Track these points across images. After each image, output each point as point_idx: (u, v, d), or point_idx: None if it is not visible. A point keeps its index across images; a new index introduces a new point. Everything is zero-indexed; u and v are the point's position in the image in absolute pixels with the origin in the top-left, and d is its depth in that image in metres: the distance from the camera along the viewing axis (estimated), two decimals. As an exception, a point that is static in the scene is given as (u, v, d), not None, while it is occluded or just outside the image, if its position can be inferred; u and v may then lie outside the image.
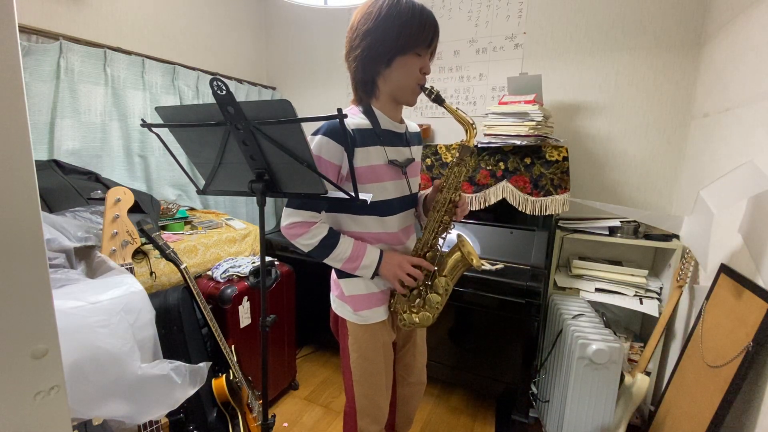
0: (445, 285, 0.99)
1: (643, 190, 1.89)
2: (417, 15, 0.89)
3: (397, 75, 0.93)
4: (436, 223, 1.00)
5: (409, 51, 0.91)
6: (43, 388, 0.50)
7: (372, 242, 1.01)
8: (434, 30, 0.92)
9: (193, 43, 2.22)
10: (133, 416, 0.87)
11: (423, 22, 0.89)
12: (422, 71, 0.94)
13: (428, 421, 1.77)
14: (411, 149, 1.06)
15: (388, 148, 0.98)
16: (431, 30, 0.91)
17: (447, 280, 0.99)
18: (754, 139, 1.20)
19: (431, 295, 1.00)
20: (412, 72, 0.93)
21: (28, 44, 1.49)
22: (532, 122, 1.60)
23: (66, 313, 0.79)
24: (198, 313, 1.37)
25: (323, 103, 2.66)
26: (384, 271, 0.98)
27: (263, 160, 1.00)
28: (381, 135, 0.97)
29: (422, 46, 0.91)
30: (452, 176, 0.98)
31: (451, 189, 0.98)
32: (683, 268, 1.47)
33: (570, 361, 1.42)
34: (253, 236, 1.90)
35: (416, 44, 0.90)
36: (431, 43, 0.93)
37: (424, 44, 0.91)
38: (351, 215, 1.01)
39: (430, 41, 0.92)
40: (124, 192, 1.17)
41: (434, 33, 0.92)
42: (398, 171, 1.00)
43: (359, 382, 1.08)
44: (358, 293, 1.04)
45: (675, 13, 1.72)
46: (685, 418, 1.23)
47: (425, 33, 0.90)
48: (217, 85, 0.84)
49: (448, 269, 0.99)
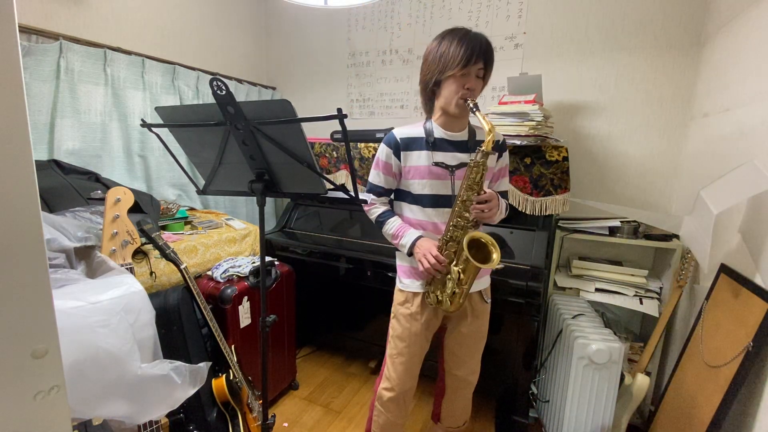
0: (455, 276, 1.12)
1: (643, 190, 1.89)
2: (448, 47, 1.10)
3: (444, 93, 1.15)
4: (454, 219, 1.13)
5: (447, 74, 1.11)
6: (43, 388, 0.50)
7: (416, 227, 1.23)
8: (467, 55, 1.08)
9: (193, 43, 2.22)
10: (133, 416, 0.87)
11: (448, 53, 1.10)
12: (465, 87, 1.11)
13: (428, 421, 1.77)
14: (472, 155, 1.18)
15: (437, 152, 1.17)
16: (466, 57, 1.08)
17: (458, 271, 1.11)
18: (754, 139, 1.20)
19: (449, 283, 1.14)
20: (454, 91, 1.12)
21: (28, 44, 1.49)
22: (532, 122, 1.60)
23: (66, 313, 0.79)
24: (198, 313, 1.36)
25: (323, 103, 2.66)
26: (415, 252, 1.18)
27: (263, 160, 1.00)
28: (432, 142, 1.18)
29: (457, 68, 1.09)
30: (468, 178, 1.10)
31: (466, 189, 1.10)
32: (683, 268, 1.47)
33: (570, 361, 1.42)
34: (253, 236, 1.90)
35: (452, 68, 1.10)
36: (466, 65, 1.09)
37: (459, 67, 1.09)
38: (405, 203, 1.26)
39: (464, 64, 1.08)
40: (124, 192, 1.17)
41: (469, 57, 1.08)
42: (445, 172, 1.18)
43: (389, 343, 1.31)
44: (403, 264, 1.28)
45: (675, 13, 1.72)
46: (685, 418, 1.23)
47: (457, 60, 1.09)
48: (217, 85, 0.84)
49: (461, 264, 1.11)
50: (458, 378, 1.37)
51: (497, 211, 1.14)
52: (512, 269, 1.62)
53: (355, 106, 2.53)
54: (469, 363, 1.35)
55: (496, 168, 1.25)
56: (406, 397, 1.31)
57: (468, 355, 1.34)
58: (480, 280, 1.25)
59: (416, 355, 1.27)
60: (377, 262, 1.83)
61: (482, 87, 1.17)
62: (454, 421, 1.46)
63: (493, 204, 1.11)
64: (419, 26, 2.27)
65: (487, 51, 1.11)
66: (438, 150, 1.18)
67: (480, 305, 1.29)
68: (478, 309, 1.28)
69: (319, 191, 1.04)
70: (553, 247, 1.79)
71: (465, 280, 1.11)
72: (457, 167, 1.18)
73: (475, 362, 1.36)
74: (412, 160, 1.20)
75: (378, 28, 2.38)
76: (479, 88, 1.14)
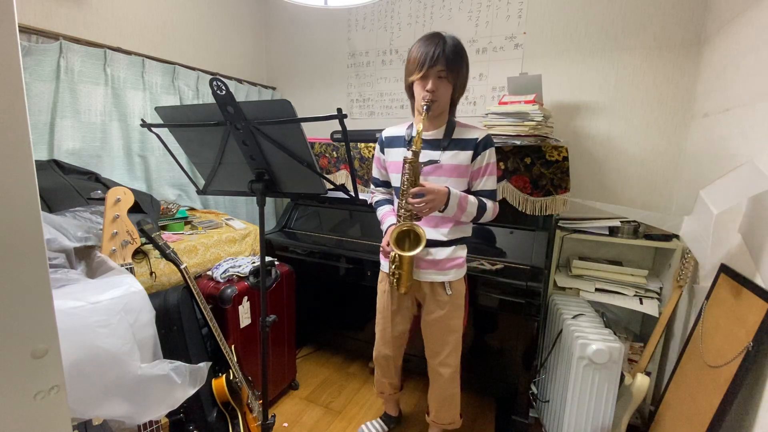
0: (394, 258, 1.28)
1: (643, 190, 1.89)
2: (414, 52, 1.22)
3: (415, 96, 1.27)
4: (400, 210, 1.24)
5: (412, 78, 1.23)
6: (43, 388, 0.50)
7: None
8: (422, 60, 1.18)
9: (193, 43, 2.22)
10: (133, 416, 0.87)
11: (412, 58, 1.22)
12: (426, 89, 1.19)
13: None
14: (444, 153, 1.28)
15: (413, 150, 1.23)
16: (422, 62, 1.18)
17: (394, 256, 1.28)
18: (754, 139, 1.20)
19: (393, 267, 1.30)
20: (419, 93, 1.23)
21: (28, 44, 1.49)
22: (532, 122, 1.60)
23: (66, 313, 0.79)
24: (198, 313, 1.36)
25: (323, 103, 2.66)
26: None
27: (263, 160, 1.00)
28: (409, 140, 1.31)
29: (416, 73, 1.20)
30: (403, 173, 1.20)
31: (407, 183, 1.20)
32: (683, 268, 1.47)
33: (570, 361, 1.42)
34: (253, 236, 1.90)
35: (413, 73, 1.21)
36: (421, 69, 1.18)
37: (417, 71, 1.20)
38: (393, 193, 1.43)
39: (420, 68, 1.18)
40: (124, 192, 1.17)
41: (423, 62, 1.18)
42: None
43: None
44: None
45: (675, 13, 1.72)
46: (685, 418, 1.23)
47: (414, 66, 1.21)
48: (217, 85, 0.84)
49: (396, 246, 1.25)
50: (432, 368, 1.45)
51: (438, 206, 1.20)
52: (512, 269, 1.62)
53: (355, 106, 2.53)
54: (439, 354, 1.41)
55: (475, 167, 1.28)
56: (389, 363, 1.52)
57: (436, 344, 1.41)
58: (441, 272, 1.32)
59: (389, 327, 1.46)
60: (377, 262, 1.83)
61: (456, 85, 1.24)
62: (439, 417, 1.51)
63: (429, 198, 1.17)
64: (419, 26, 2.27)
65: (448, 53, 1.17)
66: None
67: (443, 296, 1.34)
68: (441, 300, 1.34)
69: (319, 191, 1.04)
70: (553, 247, 1.79)
71: (401, 264, 1.27)
72: (425, 164, 1.28)
73: (446, 355, 1.40)
74: (392, 156, 1.36)
75: (378, 28, 2.38)
76: (444, 89, 1.21)
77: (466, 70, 1.25)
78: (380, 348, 1.52)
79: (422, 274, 1.32)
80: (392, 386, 1.62)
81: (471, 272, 1.61)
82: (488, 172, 1.29)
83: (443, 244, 1.31)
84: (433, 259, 1.31)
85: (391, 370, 1.56)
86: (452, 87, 1.23)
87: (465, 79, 1.27)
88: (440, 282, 1.33)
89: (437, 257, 1.31)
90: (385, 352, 1.51)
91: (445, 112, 1.29)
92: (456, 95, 1.28)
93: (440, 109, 1.26)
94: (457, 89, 1.26)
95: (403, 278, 1.28)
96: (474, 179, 1.30)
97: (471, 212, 1.26)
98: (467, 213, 1.25)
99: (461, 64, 1.22)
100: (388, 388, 1.62)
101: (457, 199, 1.22)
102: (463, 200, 1.23)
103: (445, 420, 1.50)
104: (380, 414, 1.74)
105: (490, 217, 1.31)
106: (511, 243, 1.75)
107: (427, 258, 1.31)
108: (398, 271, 1.28)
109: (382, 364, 1.55)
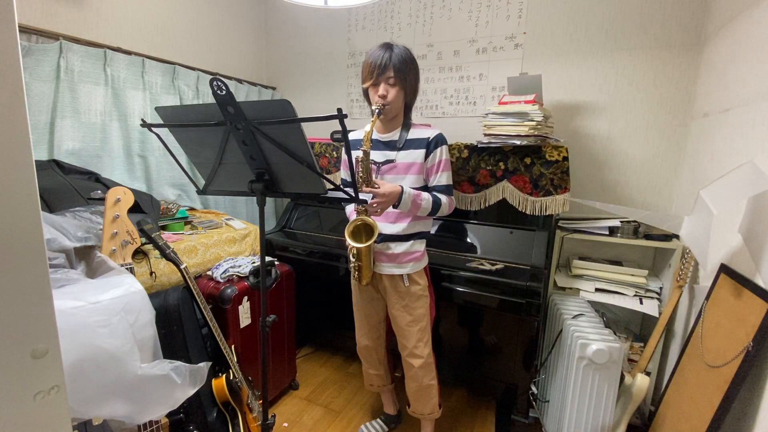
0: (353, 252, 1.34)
1: (643, 190, 1.89)
2: (366, 60, 1.32)
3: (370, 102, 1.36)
4: (357, 206, 1.32)
5: (365, 86, 1.34)
6: (43, 388, 0.50)
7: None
8: (373, 69, 1.28)
9: (193, 43, 2.22)
10: (133, 416, 0.87)
11: (366, 65, 1.31)
12: (378, 95, 1.29)
13: (428, 421, 1.77)
14: (399, 153, 1.37)
15: (372, 151, 1.33)
16: (372, 70, 1.28)
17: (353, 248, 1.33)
18: (754, 139, 1.20)
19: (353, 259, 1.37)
20: (372, 98, 1.32)
21: (28, 44, 1.49)
22: (532, 122, 1.60)
23: (66, 313, 0.79)
24: (198, 313, 1.36)
25: (323, 103, 2.66)
26: None
27: (263, 160, 1.00)
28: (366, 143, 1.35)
29: (368, 80, 1.30)
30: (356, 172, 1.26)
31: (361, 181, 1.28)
32: (683, 268, 1.47)
33: (570, 361, 1.42)
34: (253, 236, 1.90)
35: (365, 81, 1.33)
36: (371, 77, 1.29)
37: (370, 79, 1.29)
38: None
39: (370, 76, 1.29)
40: (124, 192, 1.17)
41: (372, 71, 1.28)
42: (373, 167, 1.38)
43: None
44: None
45: (675, 13, 1.72)
46: (685, 418, 1.23)
47: (366, 73, 1.31)
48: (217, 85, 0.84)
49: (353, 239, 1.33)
50: (404, 359, 1.49)
51: (391, 203, 1.29)
52: (512, 269, 1.62)
53: (355, 106, 2.53)
54: (406, 346, 1.45)
55: (428, 164, 1.38)
56: (371, 352, 1.59)
57: (402, 336, 1.46)
58: (399, 265, 1.39)
59: (363, 319, 1.55)
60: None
61: (407, 90, 1.33)
62: (417, 408, 1.53)
63: (379, 200, 1.27)
64: (419, 26, 2.27)
65: (395, 61, 1.26)
66: (372, 149, 1.34)
67: (402, 287, 1.41)
68: (401, 291, 1.41)
69: (319, 191, 1.04)
70: (553, 247, 1.79)
71: (359, 256, 1.34)
72: (383, 163, 1.39)
73: (413, 346, 1.44)
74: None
75: (378, 28, 2.38)
76: (395, 93, 1.30)
77: (415, 76, 1.35)
78: (360, 339, 1.59)
79: (382, 267, 1.41)
80: (379, 377, 1.65)
81: (471, 272, 1.62)
82: (441, 168, 1.38)
83: (401, 239, 1.39)
84: (392, 253, 1.39)
85: (374, 361, 1.61)
86: (403, 92, 1.33)
87: (415, 85, 1.37)
88: (399, 275, 1.40)
89: (395, 251, 1.39)
90: (365, 343, 1.57)
91: (400, 114, 1.40)
92: (408, 99, 1.38)
93: (393, 113, 1.35)
94: (408, 94, 1.35)
95: (364, 270, 1.37)
96: (429, 176, 1.40)
97: (426, 208, 1.35)
98: (422, 209, 1.35)
99: (408, 70, 1.31)
100: (375, 380, 1.66)
101: (410, 196, 1.31)
102: (417, 197, 1.32)
103: (424, 411, 1.52)
104: (380, 414, 1.75)
105: (447, 211, 1.40)
106: (511, 243, 1.75)
107: (386, 252, 1.39)
108: (358, 263, 1.36)
109: (364, 355, 1.61)
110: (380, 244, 1.38)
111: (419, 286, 1.42)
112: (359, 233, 1.33)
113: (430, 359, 1.46)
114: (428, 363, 1.45)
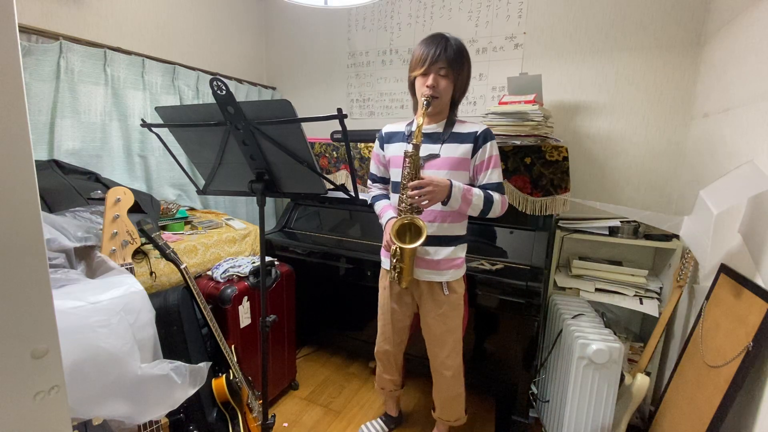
0: (398, 254, 1.28)
1: (643, 190, 1.89)
2: (417, 50, 1.24)
3: (416, 91, 1.28)
4: (401, 204, 1.23)
5: (414, 74, 1.26)
6: (43, 388, 0.50)
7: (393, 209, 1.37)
8: (424, 57, 1.21)
9: (193, 43, 2.22)
10: (133, 416, 0.87)
11: (416, 54, 1.24)
12: (426, 85, 1.21)
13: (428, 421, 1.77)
14: (444, 146, 1.28)
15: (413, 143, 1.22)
16: (423, 59, 1.21)
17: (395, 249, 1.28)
18: (754, 139, 1.20)
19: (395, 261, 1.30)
20: (419, 89, 1.25)
21: (28, 44, 1.49)
22: (532, 122, 1.60)
23: (66, 313, 0.79)
24: (198, 313, 1.36)
25: (323, 103, 2.66)
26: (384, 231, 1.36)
27: (263, 160, 1.00)
28: (409, 135, 1.31)
29: (418, 69, 1.23)
30: (404, 167, 1.21)
31: (407, 177, 1.20)
32: (683, 268, 1.47)
33: (570, 361, 1.42)
34: (253, 236, 1.90)
35: (414, 70, 1.25)
36: (423, 65, 1.21)
37: (418, 67, 1.22)
38: (391, 189, 1.42)
39: (422, 65, 1.22)
40: (124, 192, 1.17)
41: (425, 59, 1.21)
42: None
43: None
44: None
45: (675, 13, 1.72)
46: (685, 418, 1.23)
47: (416, 62, 1.24)
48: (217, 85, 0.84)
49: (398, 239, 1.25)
50: (434, 368, 1.46)
51: (440, 197, 1.18)
52: (512, 269, 1.62)
53: (355, 106, 2.53)
54: (438, 354, 1.41)
55: (477, 160, 1.28)
56: (390, 357, 1.54)
57: (436, 345, 1.41)
58: (439, 272, 1.32)
59: (389, 323, 1.48)
60: (377, 262, 1.83)
61: (457, 84, 1.26)
62: (444, 414, 1.53)
63: (428, 190, 1.15)
64: (419, 26, 2.27)
65: (450, 52, 1.20)
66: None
67: (441, 296, 1.34)
68: (439, 299, 1.35)
69: (319, 191, 1.04)
70: (553, 247, 1.79)
71: (402, 258, 1.27)
72: (426, 158, 1.27)
73: (446, 356, 1.40)
74: (392, 151, 1.37)
75: (378, 28, 2.38)
76: (446, 85, 1.22)
77: (468, 71, 1.27)
78: (381, 343, 1.54)
79: (421, 273, 1.33)
80: (393, 383, 1.62)
81: (471, 272, 1.61)
82: (492, 165, 1.27)
83: (443, 244, 1.31)
84: (431, 259, 1.31)
85: (391, 366, 1.58)
86: (453, 86, 1.24)
87: (466, 80, 1.28)
88: (438, 282, 1.33)
89: (436, 257, 1.31)
90: (385, 348, 1.53)
91: (446, 110, 1.30)
92: (457, 95, 1.29)
93: (440, 107, 1.27)
94: (457, 89, 1.27)
95: (405, 272, 1.28)
96: (478, 173, 1.29)
97: (477, 205, 1.23)
98: (474, 206, 1.22)
99: (462, 64, 1.23)
100: (389, 384, 1.63)
101: (460, 191, 1.20)
102: (467, 192, 1.21)
103: (451, 417, 1.52)
104: (380, 414, 1.74)
105: (499, 210, 1.27)
106: (511, 243, 1.75)
107: (425, 258, 1.31)
108: (399, 265, 1.28)
109: (383, 360, 1.58)
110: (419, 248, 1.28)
111: (457, 294, 1.36)
112: (404, 233, 1.24)
113: (460, 369, 1.44)
114: (459, 372, 1.44)
